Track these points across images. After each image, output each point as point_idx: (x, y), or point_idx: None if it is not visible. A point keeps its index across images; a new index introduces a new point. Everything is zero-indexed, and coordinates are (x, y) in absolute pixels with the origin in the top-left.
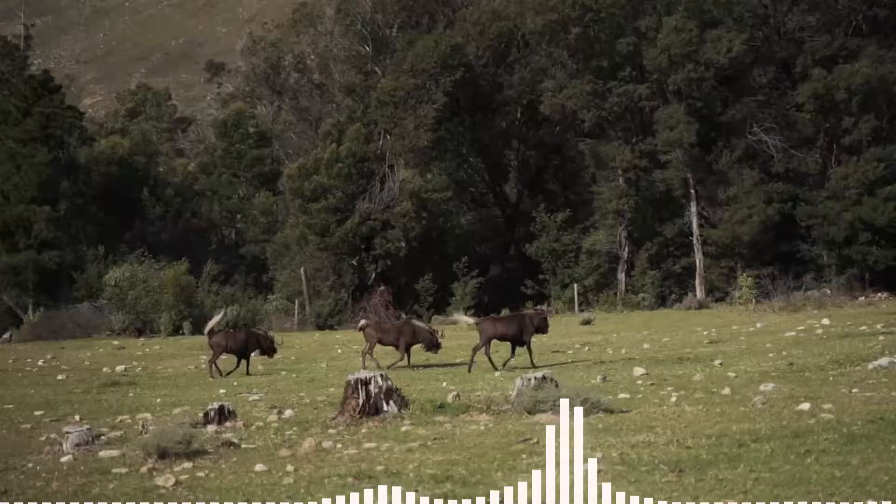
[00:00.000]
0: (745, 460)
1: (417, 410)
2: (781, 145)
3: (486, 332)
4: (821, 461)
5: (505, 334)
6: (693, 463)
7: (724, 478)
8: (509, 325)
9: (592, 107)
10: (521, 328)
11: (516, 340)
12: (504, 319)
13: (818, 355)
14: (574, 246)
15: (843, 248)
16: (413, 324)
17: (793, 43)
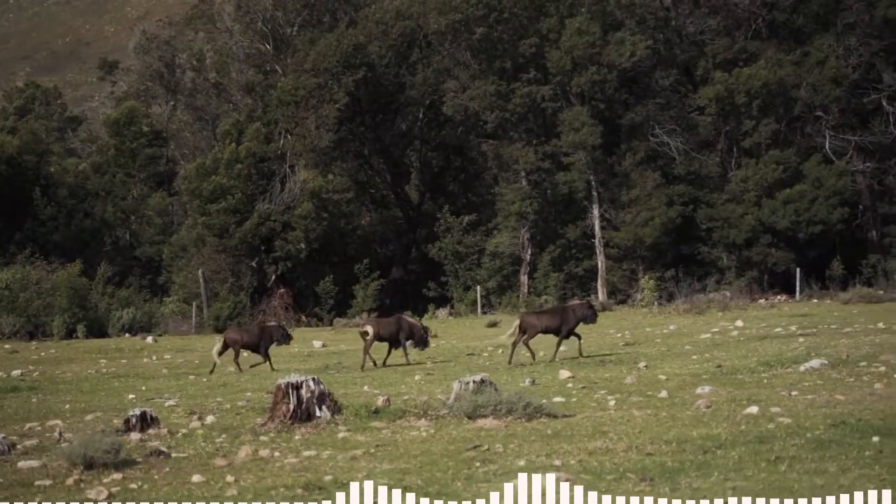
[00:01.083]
0: (714, 468)
1: (351, 416)
2: (683, 148)
3: (533, 327)
4: (795, 468)
5: (548, 327)
6: (660, 471)
7: (699, 487)
8: (553, 318)
9: (495, 108)
10: (563, 321)
11: (559, 333)
12: (547, 312)
13: (744, 357)
14: (477, 248)
15: (744, 251)
16: (405, 319)
17: (694, 46)
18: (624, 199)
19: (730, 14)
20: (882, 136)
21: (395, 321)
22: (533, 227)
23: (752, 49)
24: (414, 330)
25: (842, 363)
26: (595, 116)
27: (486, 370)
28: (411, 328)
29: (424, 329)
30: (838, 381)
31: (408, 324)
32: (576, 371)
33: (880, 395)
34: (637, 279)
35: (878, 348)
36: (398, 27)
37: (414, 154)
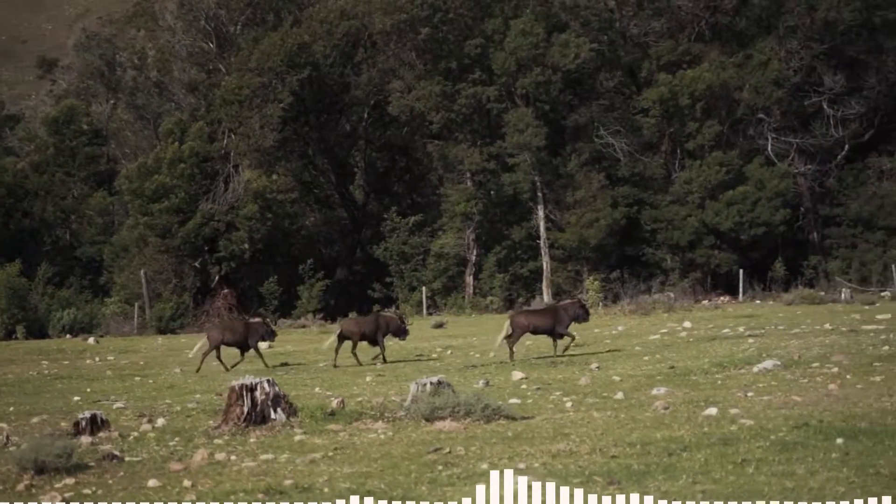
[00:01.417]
0: (681, 470)
1: (307, 418)
2: (627, 149)
3: (521, 327)
4: (763, 471)
5: (538, 327)
6: (626, 474)
7: (668, 490)
8: (545, 318)
9: (441, 108)
10: (555, 320)
11: (551, 333)
12: (538, 312)
13: (695, 358)
14: (422, 248)
15: (687, 252)
16: (384, 315)
17: (638, 48)
18: (569, 200)
19: (673, 16)
20: (823, 138)
21: (374, 319)
22: (478, 227)
23: (695, 51)
24: (391, 325)
25: (794, 364)
26: (540, 118)
27: (437, 371)
28: (388, 324)
29: (401, 318)
30: (792, 382)
31: (385, 321)
32: (528, 372)
33: (836, 396)
34: (582, 280)
35: (828, 349)
36: (343, 27)
37: (359, 154)
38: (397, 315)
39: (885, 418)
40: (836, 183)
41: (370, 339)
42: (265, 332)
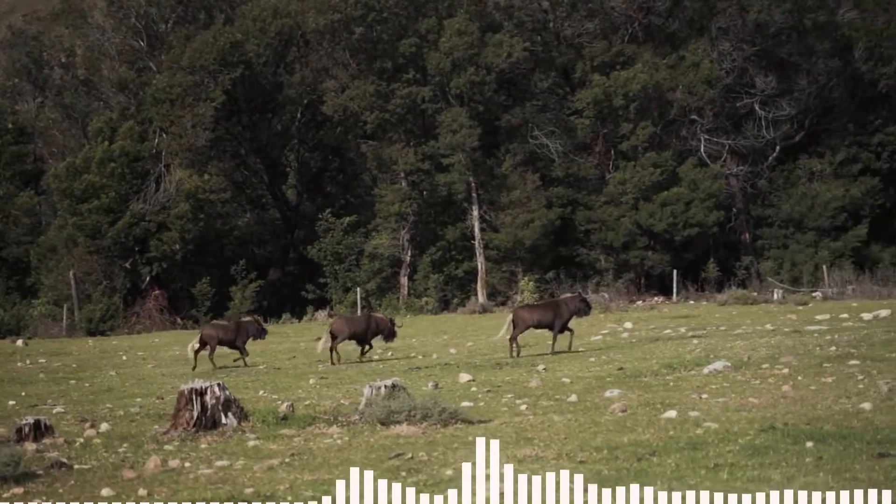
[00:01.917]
0: (654, 476)
1: (258, 423)
2: (562, 150)
3: (524, 321)
4: (738, 476)
5: (540, 322)
6: (598, 480)
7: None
8: (545, 313)
9: (375, 108)
10: (556, 314)
11: (553, 327)
12: (540, 307)
13: (642, 359)
14: (356, 249)
15: (621, 253)
16: (375, 316)
17: (572, 49)
18: (504, 200)
19: (607, 18)
20: (754, 139)
21: (366, 319)
22: (413, 228)
23: (628, 52)
24: (381, 325)
25: (744, 365)
26: (474, 118)
27: (379, 374)
28: (378, 324)
29: (391, 321)
30: (744, 383)
31: (376, 321)
32: (476, 374)
33: (792, 397)
34: (517, 281)
35: (775, 350)
36: (276, 25)
37: (292, 154)
38: (388, 319)
39: (849, 421)
40: (768, 184)
41: (359, 339)
42: (256, 330)
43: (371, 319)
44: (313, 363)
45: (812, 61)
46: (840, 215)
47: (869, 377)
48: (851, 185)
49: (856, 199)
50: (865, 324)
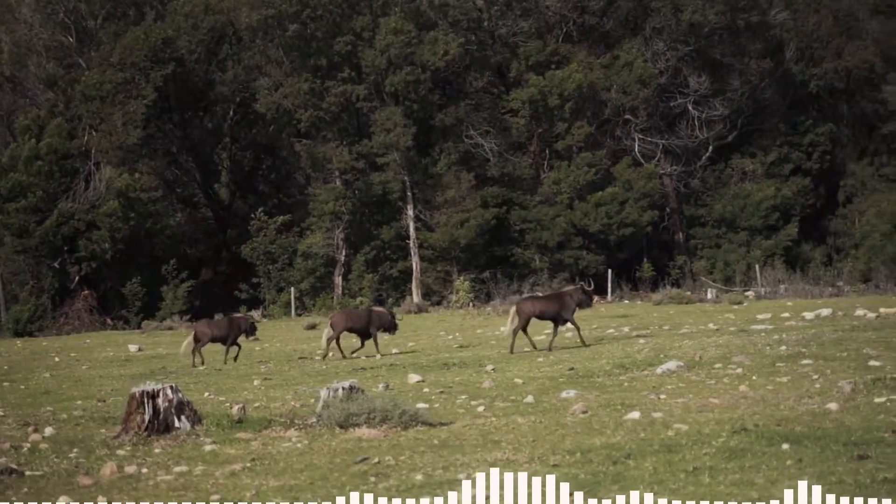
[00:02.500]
0: (632, 480)
1: (213, 426)
2: (496, 149)
3: (528, 313)
4: (720, 480)
5: (543, 313)
6: (575, 484)
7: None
8: (549, 304)
9: (309, 106)
10: (561, 306)
11: (557, 319)
12: (543, 299)
13: (592, 359)
14: (290, 248)
15: (556, 253)
16: (375, 310)
17: (507, 48)
18: (438, 200)
19: (541, 17)
20: (688, 139)
21: (366, 313)
22: (347, 227)
23: (563, 52)
24: (383, 319)
25: (697, 365)
26: (409, 117)
27: (324, 374)
28: (380, 318)
29: (392, 315)
30: (700, 383)
31: (377, 315)
32: (424, 375)
33: (752, 398)
34: (452, 280)
35: (725, 350)
36: (208, 21)
37: (224, 152)
38: (388, 312)
39: (819, 422)
40: (701, 184)
41: (361, 333)
42: (247, 326)
43: (372, 313)
44: (255, 364)
45: (744, 62)
46: (772, 215)
47: (824, 376)
48: (783, 184)
49: (787, 198)
50: (809, 323)
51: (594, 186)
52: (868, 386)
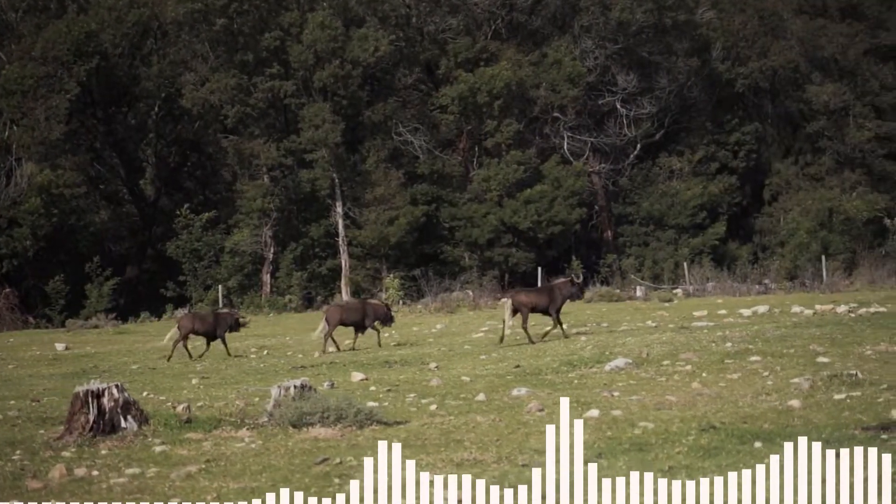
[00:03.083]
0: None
1: (160, 426)
2: (426, 146)
3: (525, 305)
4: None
5: (537, 305)
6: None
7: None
8: (540, 297)
9: (236, 102)
10: (551, 299)
11: (547, 311)
12: (535, 291)
13: (536, 357)
14: (216, 246)
15: (486, 250)
16: (370, 302)
17: (436, 45)
18: (368, 197)
19: (470, 14)
20: (616, 137)
21: (361, 306)
22: (275, 224)
23: (492, 49)
24: (378, 312)
25: (646, 362)
26: (337, 113)
27: (262, 373)
28: (375, 311)
29: (387, 307)
30: (651, 380)
31: (372, 308)
32: (367, 373)
33: (707, 395)
34: (381, 278)
35: (670, 347)
36: (133, 15)
37: (149, 148)
38: (383, 302)
39: (784, 419)
40: (629, 182)
41: (357, 326)
42: (233, 322)
43: (367, 306)
44: (189, 362)
45: (672, 60)
46: (699, 213)
47: (774, 373)
48: (709, 183)
49: (714, 196)
50: (748, 320)
51: (523, 184)
52: (826, 382)
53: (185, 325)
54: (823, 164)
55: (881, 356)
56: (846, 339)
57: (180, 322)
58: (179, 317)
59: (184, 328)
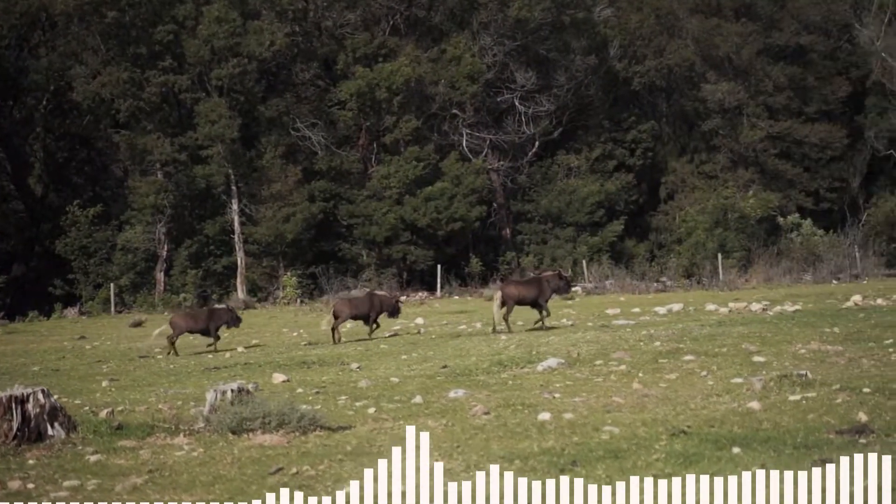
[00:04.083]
0: None
1: (89, 434)
2: (324, 143)
3: (512, 297)
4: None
5: (525, 297)
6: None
7: None
8: (529, 289)
9: (129, 96)
10: (539, 291)
11: (535, 303)
12: (524, 283)
13: (460, 357)
14: (108, 243)
15: (384, 248)
16: (377, 294)
17: (334, 40)
18: (264, 194)
19: (368, 9)
20: (515, 135)
21: (368, 298)
22: (170, 221)
23: (391, 45)
24: (385, 304)
25: (578, 362)
26: (234, 108)
27: (173, 374)
28: (382, 303)
29: (396, 300)
30: (588, 381)
31: (379, 300)
32: (288, 374)
33: (654, 396)
34: (278, 276)
35: (598, 346)
36: (20, 6)
37: (37, 143)
38: (392, 297)
39: (749, 422)
40: (527, 179)
41: (365, 318)
42: (229, 318)
43: (374, 298)
44: (92, 363)
45: (570, 58)
46: (597, 211)
47: (712, 373)
48: (607, 180)
49: (611, 194)
50: (665, 318)
51: (423, 181)
52: (776, 383)
53: (178, 324)
54: (718, 163)
55: (816, 355)
56: (775, 337)
57: (172, 320)
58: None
59: (176, 326)
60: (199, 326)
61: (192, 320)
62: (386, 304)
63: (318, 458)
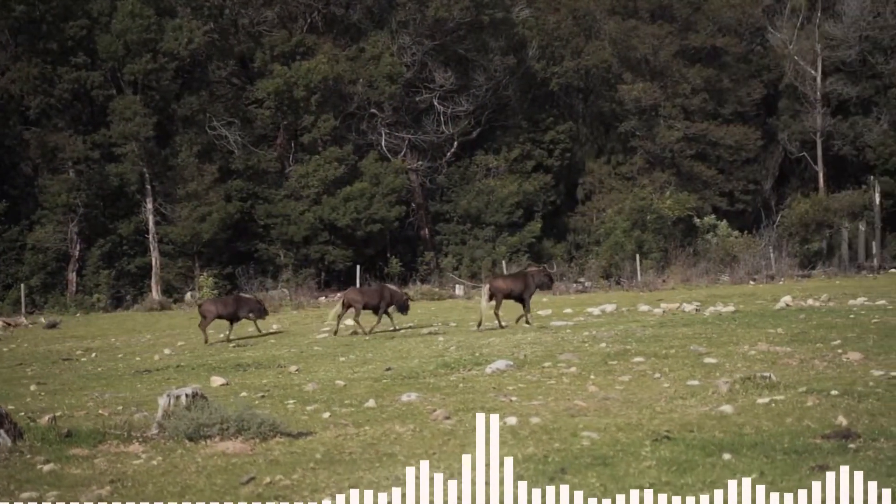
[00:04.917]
0: None
1: (37, 441)
2: (241, 141)
3: (501, 291)
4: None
5: (512, 291)
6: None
7: None
8: (516, 283)
9: (39, 92)
10: (524, 286)
11: (521, 298)
12: (511, 278)
13: (402, 359)
14: (17, 243)
15: (302, 248)
16: (389, 287)
17: (251, 37)
18: (180, 193)
19: (285, 6)
20: (434, 135)
21: (379, 290)
22: (82, 220)
23: (309, 43)
24: (395, 297)
25: (527, 364)
26: (149, 106)
27: (103, 377)
28: (392, 296)
29: (405, 294)
30: (540, 383)
31: (389, 292)
32: (228, 377)
33: (615, 399)
34: (194, 276)
35: (543, 347)
36: None
37: None
38: (402, 292)
39: (729, 426)
40: (446, 179)
41: (374, 309)
42: (255, 307)
43: (385, 290)
44: (13, 366)
45: (488, 58)
46: (516, 211)
47: (665, 375)
48: (525, 181)
49: (529, 195)
50: (600, 319)
51: (341, 181)
52: (742, 385)
53: (210, 309)
54: (635, 164)
55: (766, 356)
56: (721, 338)
57: (203, 306)
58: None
59: (209, 312)
60: (227, 312)
61: (221, 306)
62: (396, 298)
63: (288, 466)
